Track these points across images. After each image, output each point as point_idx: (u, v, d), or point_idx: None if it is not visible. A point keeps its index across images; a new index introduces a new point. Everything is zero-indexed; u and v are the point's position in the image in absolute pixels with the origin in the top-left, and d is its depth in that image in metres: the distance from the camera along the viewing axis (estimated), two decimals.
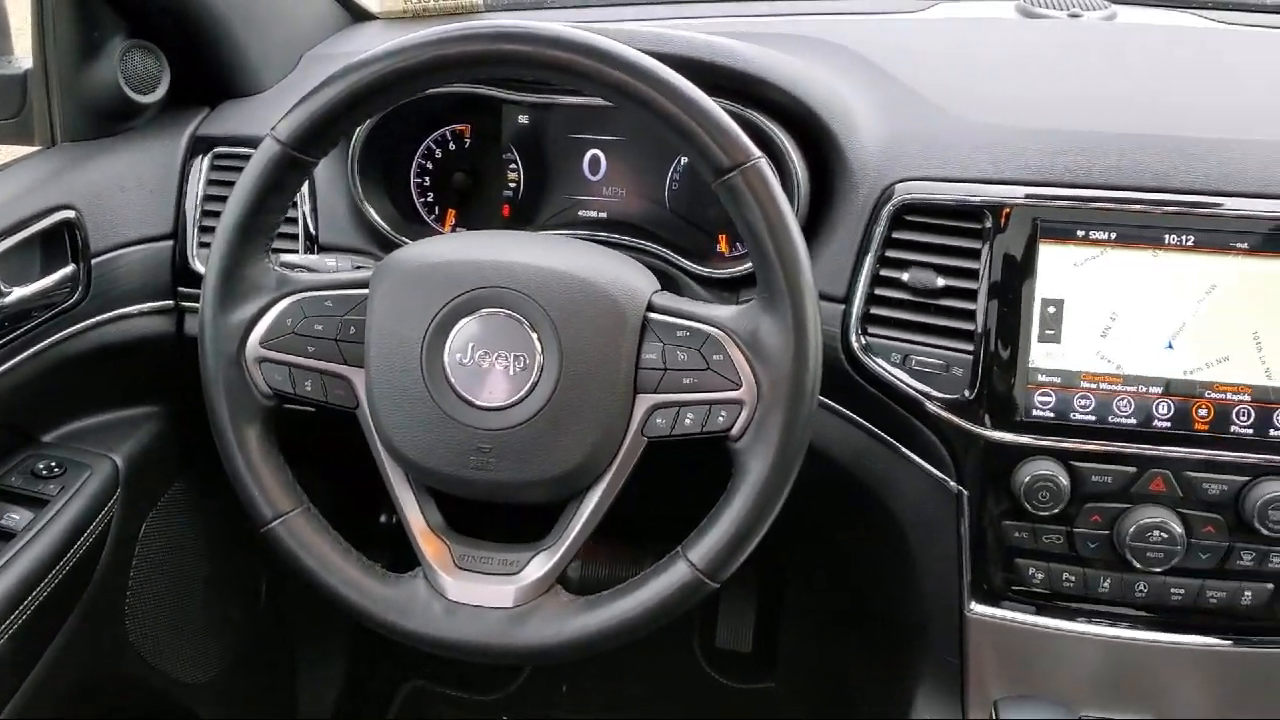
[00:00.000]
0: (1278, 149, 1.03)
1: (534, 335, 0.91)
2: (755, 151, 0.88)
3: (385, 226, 1.19)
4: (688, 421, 0.91)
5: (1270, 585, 1.02)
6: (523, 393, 0.91)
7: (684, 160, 1.18)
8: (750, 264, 0.90)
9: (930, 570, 1.10)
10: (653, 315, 0.92)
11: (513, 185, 1.22)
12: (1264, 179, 1.01)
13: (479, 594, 0.95)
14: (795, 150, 1.10)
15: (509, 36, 0.89)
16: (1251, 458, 0.99)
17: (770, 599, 1.80)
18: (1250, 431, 1.00)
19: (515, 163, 1.22)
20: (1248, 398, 1.00)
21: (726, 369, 0.90)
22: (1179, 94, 1.13)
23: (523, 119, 1.21)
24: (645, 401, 0.92)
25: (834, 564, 1.52)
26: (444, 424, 0.92)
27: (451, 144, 1.24)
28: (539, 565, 0.95)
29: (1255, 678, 1.08)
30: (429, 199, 1.25)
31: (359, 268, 1.08)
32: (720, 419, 0.90)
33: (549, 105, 1.19)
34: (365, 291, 0.96)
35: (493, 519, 1.04)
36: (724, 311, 0.93)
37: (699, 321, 0.92)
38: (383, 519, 1.53)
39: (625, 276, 0.94)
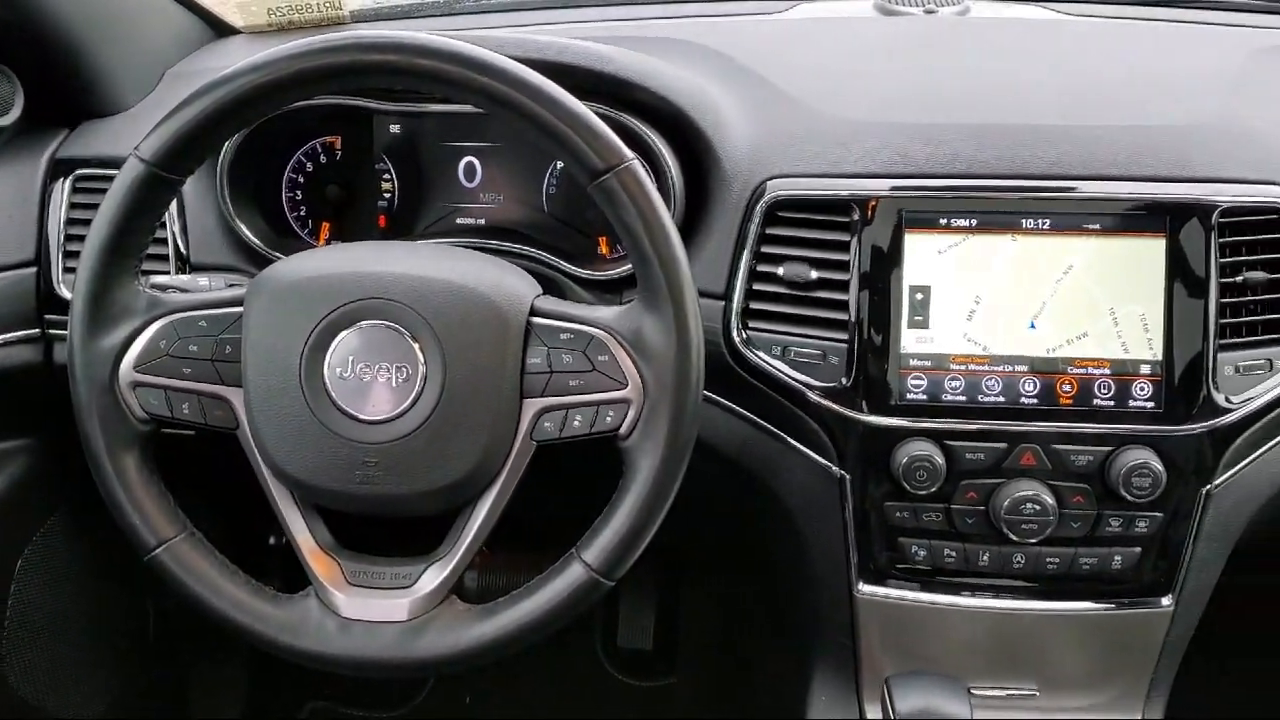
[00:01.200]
0: (1126, 133, 1.08)
1: (415, 345, 0.91)
2: (628, 153, 0.89)
3: (258, 242, 1.17)
4: (576, 423, 0.92)
5: (1138, 549, 1.08)
6: (407, 404, 0.91)
7: (561, 164, 1.19)
8: (631, 265, 0.91)
9: (819, 554, 1.13)
10: (535, 319, 0.93)
11: (388, 195, 1.22)
12: (1114, 162, 1.06)
13: (373, 609, 0.94)
14: (668, 151, 1.12)
15: (373, 47, 0.89)
16: (1113, 428, 1.04)
17: (669, 596, 1.82)
18: (1111, 403, 1.05)
19: (389, 172, 1.21)
20: (1107, 371, 1.04)
21: (612, 369, 0.91)
22: (1032, 84, 1.18)
23: (394, 128, 1.20)
24: (532, 406, 0.92)
25: (728, 555, 1.55)
26: (328, 440, 0.91)
27: (323, 156, 1.23)
28: (433, 576, 0.95)
29: (1129, 638, 1.13)
30: (302, 213, 1.23)
31: (232, 285, 1.06)
32: (608, 419, 0.92)
33: (421, 114, 1.19)
34: (240, 309, 0.94)
35: (385, 533, 1.04)
36: (607, 312, 0.94)
37: (582, 323, 0.93)
38: (273, 540, 1.51)
39: (506, 282, 0.94)
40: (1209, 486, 1.06)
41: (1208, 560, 1.10)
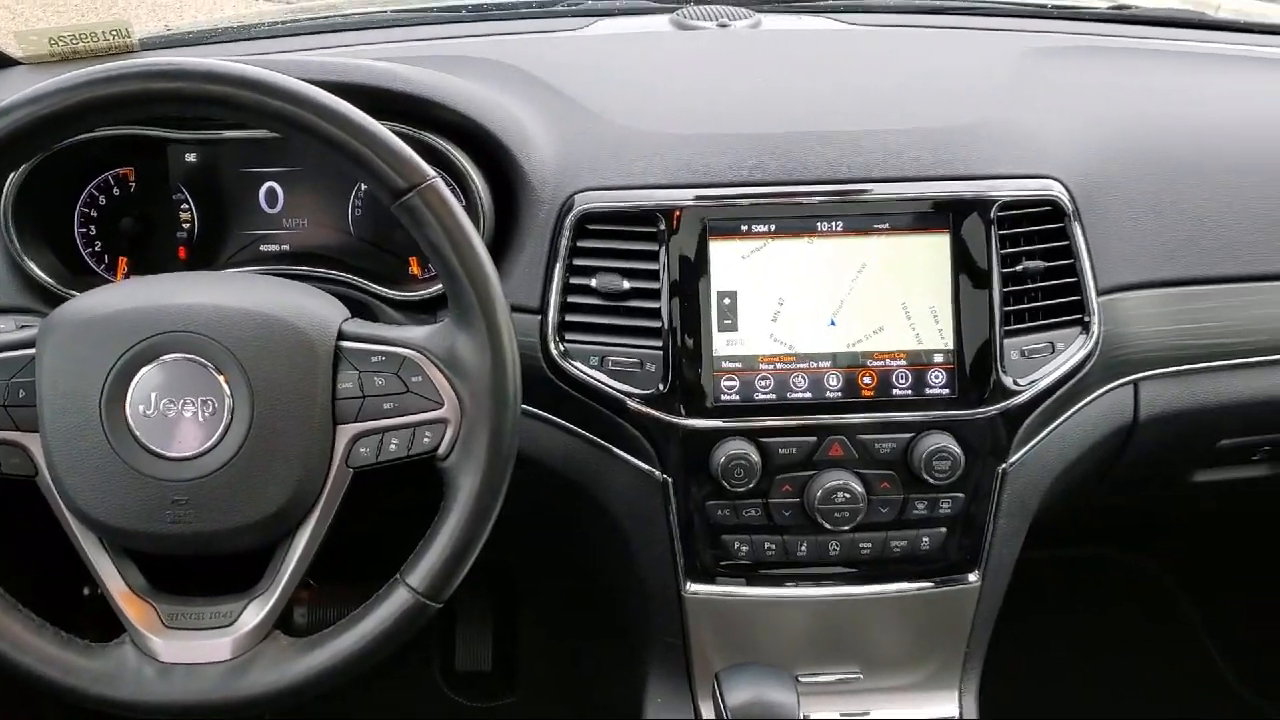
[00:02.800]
0: (909, 135, 1.13)
1: (220, 378, 0.89)
2: (430, 171, 0.89)
3: (49, 280, 1.11)
4: (393, 447, 0.91)
5: (943, 529, 1.13)
6: (215, 438, 0.88)
7: (365, 186, 1.18)
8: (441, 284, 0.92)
9: (647, 557, 1.15)
10: (344, 344, 0.92)
11: (187, 226, 1.18)
12: (899, 164, 1.11)
13: (193, 651, 0.92)
14: (474, 169, 1.12)
15: (161, 74, 0.86)
16: (913, 416, 1.10)
17: (505, 614, 1.81)
18: (910, 392, 1.10)
19: (187, 202, 1.18)
20: (904, 362, 1.10)
21: (426, 389, 0.91)
22: (822, 92, 1.23)
23: (190, 157, 1.17)
24: (346, 432, 0.91)
25: (559, 568, 1.56)
26: (133, 481, 0.88)
27: (116, 188, 1.18)
28: (254, 613, 0.93)
29: (942, 614, 1.19)
30: (97, 248, 1.19)
31: (24, 327, 1.01)
32: (426, 440, 0.91)
33: (217, 141, 1.16)
34: (32, 351, 0.90)
35: (203, 572, 1.01)
36: (418, 332, 0.94)
37: (393, 345, 0.92)
38: (86, 590, 1.43)
39: (311, 308, 0.93)
40: (1004, 465, 1.12)
41: (1008, 536, 1.16)
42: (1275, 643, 1.94)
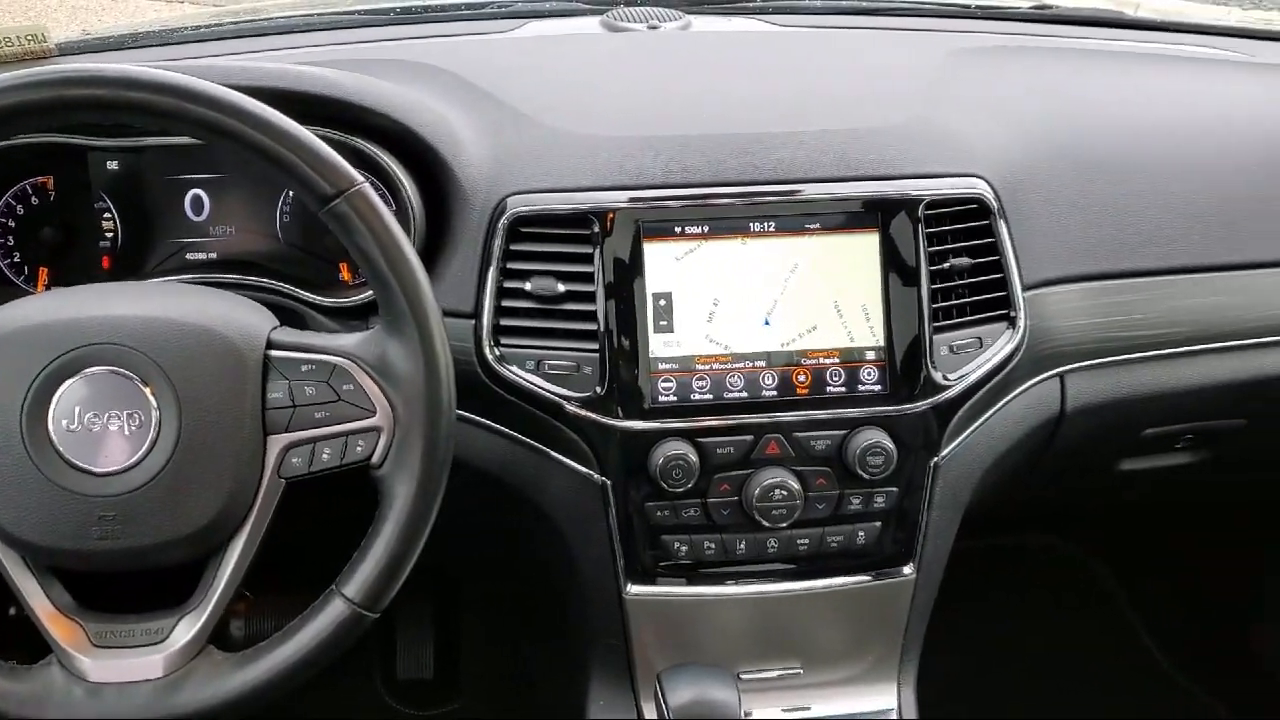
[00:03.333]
0: (838, 136, 1.14)
1: (146, 390, 0.87)
2: (357, 177, 0.88)
3: None
4: (325, 456, 0.90)
5: (878, 523, 1.15)
6: (142, 452, 0.87)
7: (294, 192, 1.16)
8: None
9: (587, 560, 1.15)
10: (274, 353, 0.91)
11: (110, 235, 1.15)
12: (829, 165, 1.12)
13: (124, 669, 0.90)
14: (405, 173, 1.11)
15: (78, 81, 0.85)
16: (846, 412, 1.11)
17: (447, 621, 1.80)
18: (843, 389, 1.11)
19: (110, 211, 1.15)
20: (837, 360, 1.11)
21: (358, 398, 0.90)
22: (752, 93, 1.24)
23: (112, 165, 1.14)
24: (277, 442, 0.90)
25: (500, 572, 1.55)
26: (58, 497, 0.86)
27: (35, 197, 1.16)
28: (186, 628, 0.91)
29: (879, 607, 1.20)
30: (15, 259, 1.16)
31: None
32: (359, 449, 0.90)
33: (139, 148, 1.13)
34: None
35: (133, 588, 0.99)
36: (348, 340, 0.93)
37: (323, 353, 0.91)
38: (11, 610, 1.40)
39: (238, 316, 0.91)
40: (936, 459, 1.14)
41: (941, 528, 1.18)
42: (1201, 625, 2.00)
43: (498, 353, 1.09)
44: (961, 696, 1.67)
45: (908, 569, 1.17)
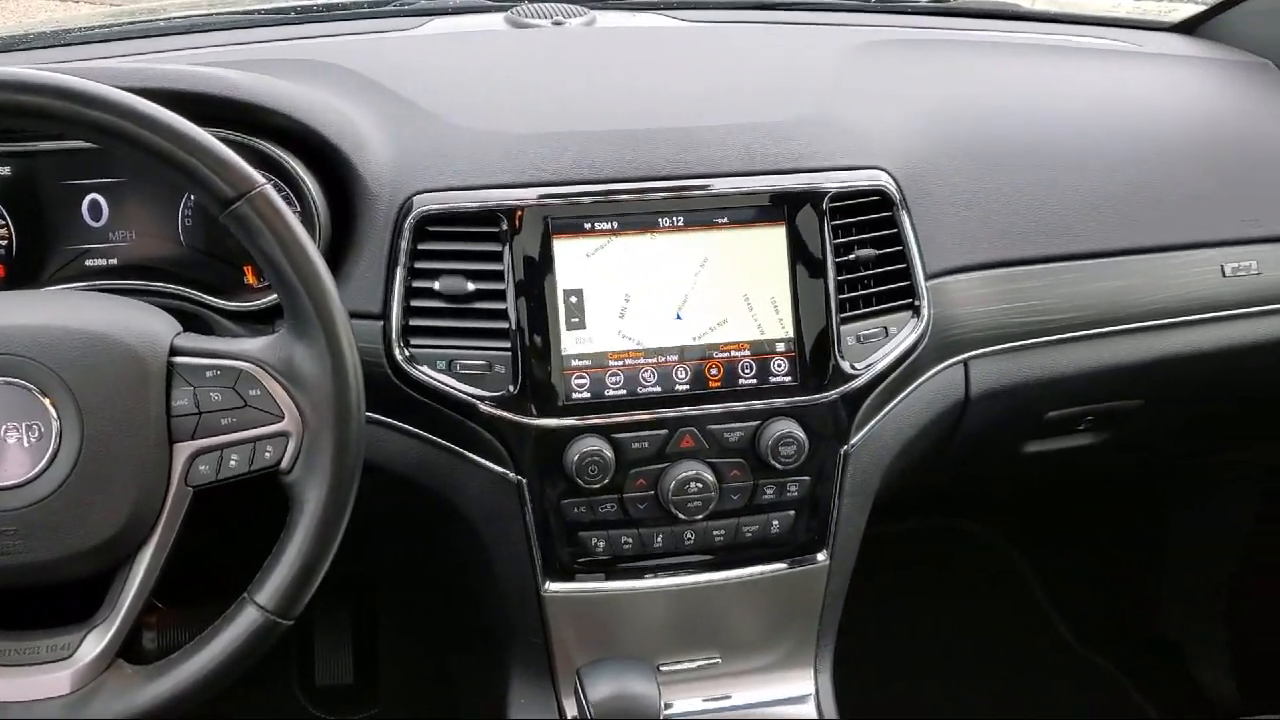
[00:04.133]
0: (743, 131, 1.16)
1: (46, 401, 0.85)
2: (258, 178, 0.87)
3: None
4: (233, 463, 0.89)
5: (792, 512, 1.16)
6: (42, 464, 0.85)
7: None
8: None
9: (504, 559, 1.15)
10: (177, 359, 0.89)
11: (4, 243, 1.12)
12: (735, 159, 1.14)
13: (29, 687, 0.88)
14: (308, 174, 1.09)
15: None
16: (758, 404, 1.12)
17: (366, 625, 1.78)
18: (755, 382, 1.12)
19: (3, 218, 1.12)
20: (748, 352, 1.12)
21: (265, 403, 0.89)
22: (658, 88, 1.24)
23: (4, 170, 1.11)
24: (184, 450, 0.88)
25: (418, 574, 1.54)
26: None
27: None
28: (94, 642, 0.89)
29: (795, 594, 1.22)
30: None
31: None
32: (267, 454, 0.89)
33: (32, 153, 1.10)
34: None
35: (38, 603, 0.96)
36: (254, 344, 0.91)
37: (228, 358, 0.90)
38: None
39: (140, 323, 0.90)
40: (846, 447, 1.16)
41: (853, 514, 1.20)
42: (1105, 601, 2.07)
43: (408, 354, 1.08)
44: (877, 679, 1.70)
45: (821, 556, 1.19)
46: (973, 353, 1.24)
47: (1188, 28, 1.61)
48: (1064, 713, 1.82)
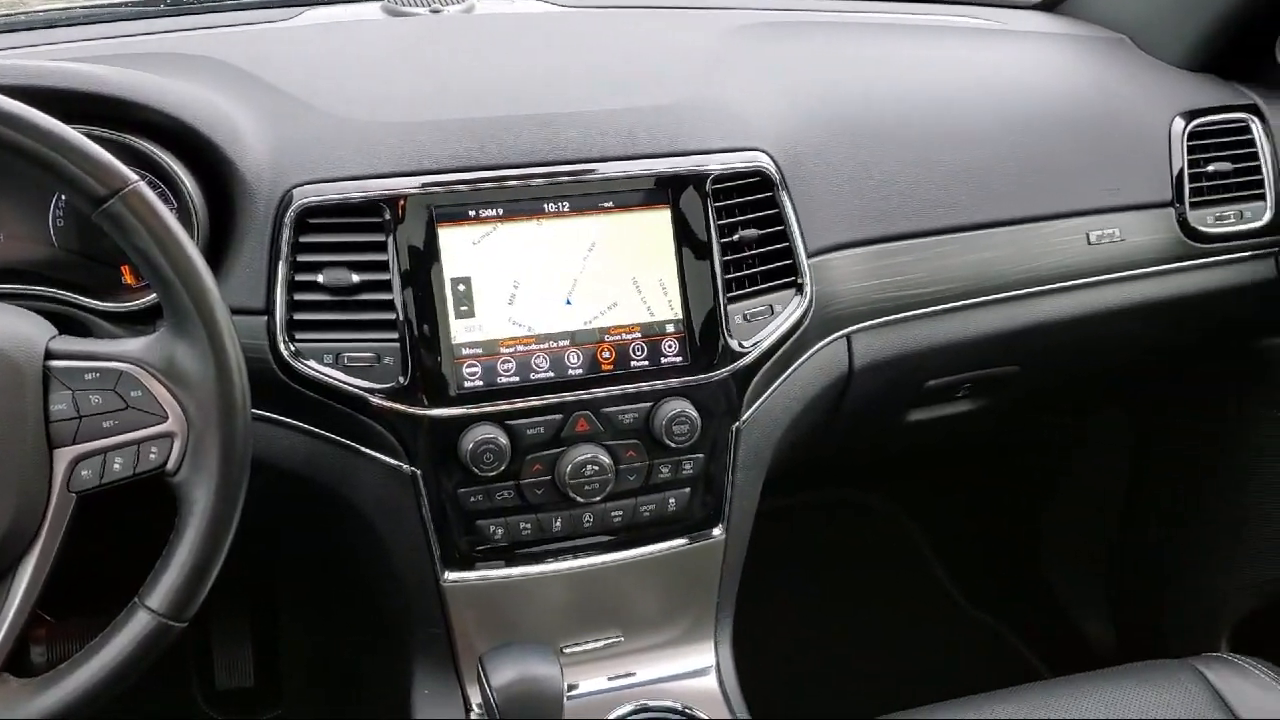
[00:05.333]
0: (626, 115, 1.17)
1: None
2: (130, 175, 0.85)
3: None
4: (116, 467, 0.87)
5: (688, 489, 1.18)
6: None
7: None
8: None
9: (402, 552, 1.15)
10: (53, 363, 0.87)
11: None
12: (618, 144, 1.15)
13: None
14: (184, 170, 1.07)
15: None
16: (651, 385, 1.14)
17: (266, 625, 1.76)
18: (647, 363, 1.14)
19: None
20: (638, 335, 1.14)
21: (148, 404, 0.87)
22: (540, 74, 1.24)
23: None
24: (64, 456, 0.86)
25: (317, 571, 1.53)
26: None
27: None
28: None
29: (693, 570, 1.24)
30: None
31: None
32: (152, 456, 0.88)
33: None
34: None
35: None
36: (133, 345, 0.90)
37: (107, 360, 0.88)
38: None
39: (11, 328, 0.87)
40: (738, 423, 1.18)
41: (747, 489, 1.23)
42: (991, 561, 2.15)
43: (293, 348, 1.07)
44: (777, 648, 1.75)
45: (717, 531, 1.22)
46: (854, 327, 1.27)
47: (1049, 5, 1.67)
48: (957, 670, 1.89)
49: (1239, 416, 1.62)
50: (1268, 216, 1.46)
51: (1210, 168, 1.44)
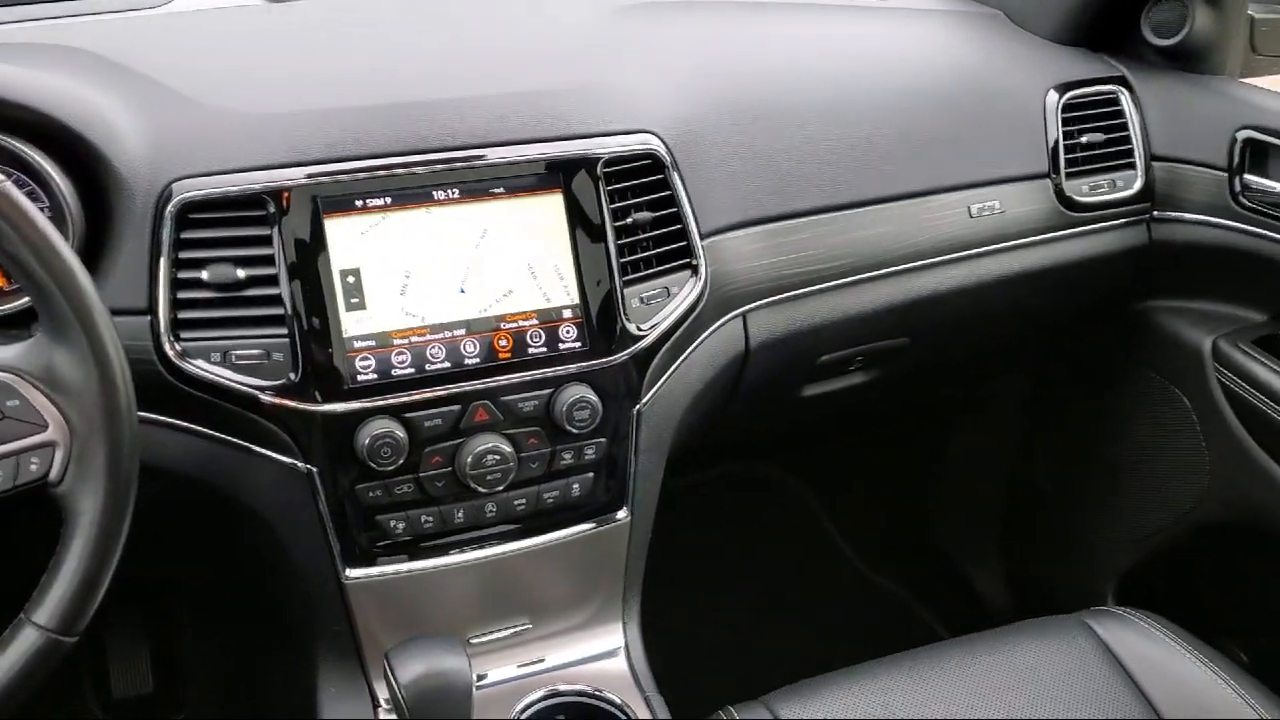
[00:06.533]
0: (514, 100, 1.15)
1: None
2: None
3: None
4: None
5: (591, 474, 1.18)
6: None
7: None
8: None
9: (301, 551, 1.12)
10: None
11: None
12: (508, 128, 1.13)
13: None
14: (55, 168, 1.02)
15: None
16: (550, 371, 1.13)
17: (164, 631, 1.71)
18: (545, 350, 1.13)
19: None
20: (536, 321, 1.13)
21: (26, 413, 0.84)
22: (426, 60, 1.22)
23: None
24: None
25: (216, 574, 1.49)
26: None
27: None
28: None
29: (600, 554, 1.25)
30: None
31: None
32: (33, 467, 0.84)
33: None
34: None
35: None
36: (7, 352, 0.86)
37: None
38: None
39: None
40: (639, 406, 1.18)
41: (649, 470, 1.23)
42: (891, 529, 2.20)
43: (179, 348, 1.03)
44: (686, 625, 1.76)
45: (621, 514, 1.22)
46: (750, 306, 1.28)
47: None
48: (861, 638, 1.94)
49: (1119, 378, 1.69)
50: (1138, 184, 1.51)
51: (1084, 139, 1.49)
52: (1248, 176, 1.44)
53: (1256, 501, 1.48)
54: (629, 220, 1.16)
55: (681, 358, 1.22)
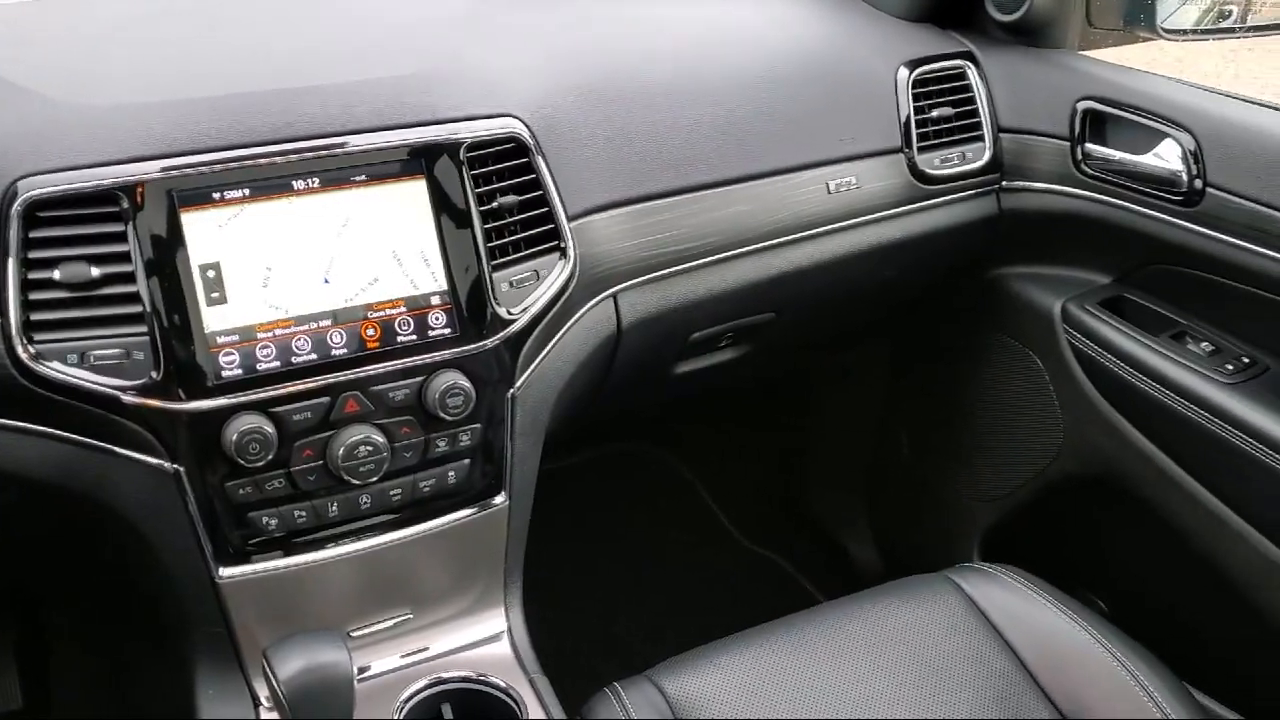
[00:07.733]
0: (375, 85, 1.14)
1: None
2: None
3: None
4: None
5: (467, 460, 1.18)
6: None
7: None
8: None
9: (171, 553, 1.10)
10: None
11: None
12: (367, 115, 1.12)
13: None
14: None
15: None
16: (420, 359, 1.12)
17: (31, 644, 1.65)
18: (414, 337, 1.12)
19: None
20: (404, 309, 1.12)
21: None
22: (282, 48, 1.20)
23: None
24: None
25: (85, 582, 1.45)
26: None
27: None
28: None
29: (479, 540, 1.25)
30: None
31: None
32: None
33: None
34: None
35: None
36: None
37: None
38: None
39: None
40: (513, 390, 1.19)
41: (526, 454, 1.24)
42: (766, 500, 2.25)
43: (33, 350, 1.00)
44: (568, 603, 1.78)
45: (499, 499, 1.22)
46: (620, 286, 1.30)
47: None
48: (740, 607, 1.98)
49: (977, 343, 1.76)
50: (987, 156, 1.57)
51: (934, 113, 1.54)
52: (1088, 145, 1.51)
53: (1107, 456, 1.56)
54: (495, 204, 1.16)
55: (554, 340, 1.23)
